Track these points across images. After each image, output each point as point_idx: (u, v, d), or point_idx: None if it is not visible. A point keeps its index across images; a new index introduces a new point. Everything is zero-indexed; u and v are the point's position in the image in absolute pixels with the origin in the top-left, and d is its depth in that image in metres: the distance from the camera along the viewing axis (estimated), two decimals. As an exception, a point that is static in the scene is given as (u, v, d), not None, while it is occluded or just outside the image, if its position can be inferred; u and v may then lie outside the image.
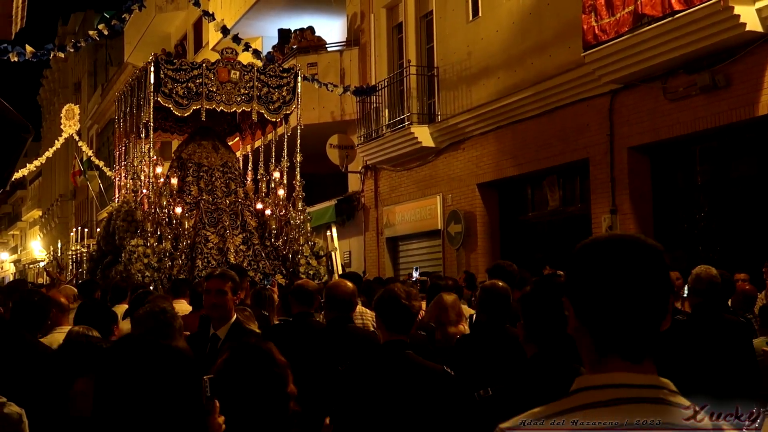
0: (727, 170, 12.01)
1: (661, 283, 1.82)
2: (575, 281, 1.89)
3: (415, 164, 18.25)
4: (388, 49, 19.40)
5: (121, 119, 17.17)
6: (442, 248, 17.42)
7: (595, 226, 13.21)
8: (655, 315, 1.81)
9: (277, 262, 14.91)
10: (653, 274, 1.81)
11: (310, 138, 20.28)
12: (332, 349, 5.34)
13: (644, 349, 1.81)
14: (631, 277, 1.80)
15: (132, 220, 14.71)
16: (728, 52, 10.77)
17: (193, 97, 14.70)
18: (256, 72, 15.34)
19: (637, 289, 1.79)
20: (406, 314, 4.32)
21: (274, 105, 15.35)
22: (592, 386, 1.79)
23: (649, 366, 1.81)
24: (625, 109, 12.72)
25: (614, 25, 11.83)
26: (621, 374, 1.79)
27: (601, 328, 1.81)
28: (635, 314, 1.79)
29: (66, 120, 31.00)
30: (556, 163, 14.26)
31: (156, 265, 13.86)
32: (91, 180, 36.39)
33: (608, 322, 1.80)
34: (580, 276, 1.88)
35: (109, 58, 47.85)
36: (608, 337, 1.80)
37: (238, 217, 15.16)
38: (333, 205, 20.83)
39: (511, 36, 15.11)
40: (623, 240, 1.89)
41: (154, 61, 14.74)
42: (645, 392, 1.77)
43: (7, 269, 72.16)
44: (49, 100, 65.47)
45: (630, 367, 1.80)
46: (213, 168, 15.54)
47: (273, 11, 22.67)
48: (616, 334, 1.80)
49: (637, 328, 1.79)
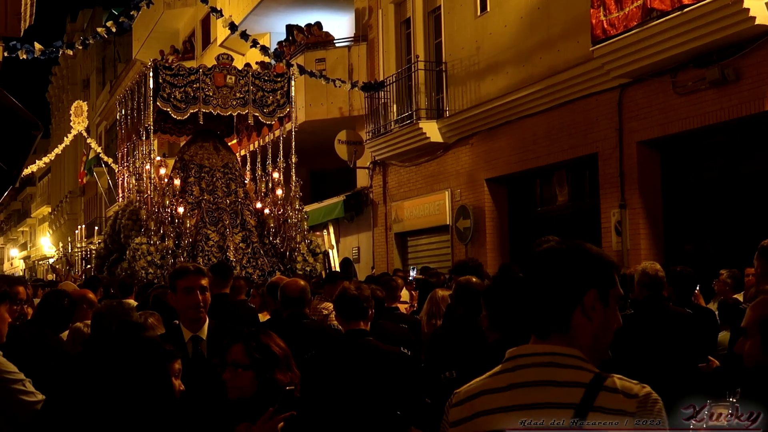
0: (737, 164, 11.96)
1: (559, 284, 2.35)
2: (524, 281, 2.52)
3: (423, 159, 18.24)
4: (396, 45, 19.38)
5: (122, 122, 17.93)
6: (451, 244, 17.42)
7: (604, 221, 13.18)
8: (557, 304, 2.34)
9: (275, 259, 15.64)
10: (548, 277, 2.37)
11: (319, 134, 20.34)
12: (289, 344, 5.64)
13: (548, 328, 2.36)
14: (535, 280, 2.41)
15: (136, 219, 15.44)
16: (738, 45, 10.73)
17: (191, 101, 15.51)
18: (251, 77, 16.17)
19: (538, 287, 2.39)
20: (357, 304, 5.02)
21: (268, 108, 16.19)
22: (509, 357, 2.41)
23: (557, 339, 2.35)
24: (634, 103, 12.68)
25: (623, 20, 11.79)
26: (530, 346, 2.40)
27: (526, 314, 2.44)
28: (538, 304, 2.38)
29: (75, 117, 31.12)
30: (565, 158, 14.24)
31: (159, 263, 14.59)
32: (99, 177, 36.47)
33: (527, 309, 2.43)
34: (524, 277, 2.51)
35: (117, 55, 47.94)
36: (528, 320, 2.43)
37: (237, 216, 15.90)
38: (342, 200, 20.84)
39: (520, 31, 15.08)
40: (540, 252, 2.45)
41: (153, 66, 15.47)
42: (540, 358, 2.35)
43: (16, 266, 72.42)
44: (57, 97, 65.63)
45: (536, 340, 2.40)
46: (214, 169, 16.19)
47: (281, 7, 22.68)
48: (530, 318, 2.42)
49: (539, 313, 2.37)
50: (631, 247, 12.63)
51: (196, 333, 4.76)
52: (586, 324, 2.34)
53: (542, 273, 2.40)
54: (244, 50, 24.32)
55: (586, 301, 2.34)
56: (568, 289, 2.35)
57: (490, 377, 2.43)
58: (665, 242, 12.61)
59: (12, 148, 3.81)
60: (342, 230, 22.08)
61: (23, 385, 4.24)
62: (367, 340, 5.04)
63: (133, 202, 16.12)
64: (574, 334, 2.34)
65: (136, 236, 15.08)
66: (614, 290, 2.38)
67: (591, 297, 2.34)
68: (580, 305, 2.34)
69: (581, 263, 2.37)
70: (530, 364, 2.36)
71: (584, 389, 2.27)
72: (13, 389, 4.21)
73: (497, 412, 2.33)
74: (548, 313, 2.36)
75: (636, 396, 2.27)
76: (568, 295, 2.34)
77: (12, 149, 3.81)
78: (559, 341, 2.35)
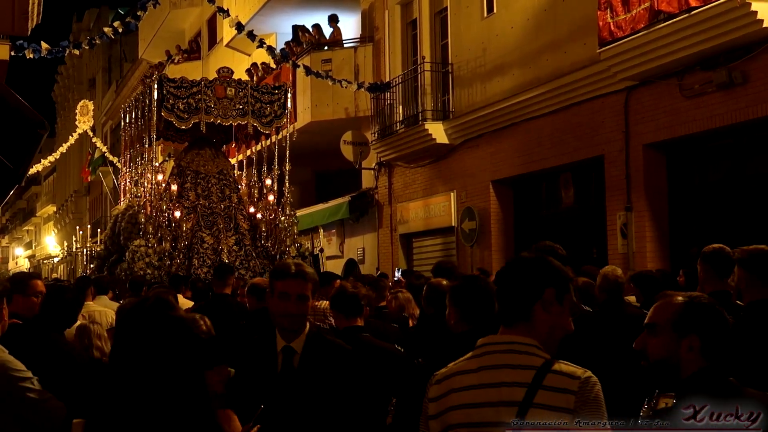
0: (744, 167, 11.93)
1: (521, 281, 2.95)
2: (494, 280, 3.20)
3: (429, 161, 18.23)
4: (403, 46, 19.37)
5: (126, 130, 18.95)
6: (456, 245, 17.40)
7: (610, 224, 13.15)
8: (522, 296, 2.93)
9: (266, 262, 16.44)
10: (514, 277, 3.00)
11: (324, 134, 20.34)
12: None
13: (515, 317, 2.94)
14: (502, 278, 3.05)
15: (135, 222, 16.37)
16: (745, 48, 10.69)
17: (193, 112, 16.35)
18: (249, 89, 17.06)
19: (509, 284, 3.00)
20: (355, 302, 5.52)
21: (266, 119, 16.95)
22: (479, 345, 2.98)
23: (522, 329, 2.91)
24: (640, 106, 12.66)
25: (630, 22, 11.77)
26: (496, 336, 2.97)
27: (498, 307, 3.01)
28: (507, 297, 2.97)
29: (80, 116, 31.17)
30: (571, 160, 14.21)
31: (156, 264, 15.52)
32: (104, 176, 36.52)
33: (499, 302, 3.00)
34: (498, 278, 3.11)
35: (123, 55, 48.01)
36: (499, 311, 2.99)
37: (231, 221, 16.85)
38: (347, 201, 20.83)
39: (526, 32, 15.06)
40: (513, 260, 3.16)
41: (158, 79, 16.53)
42: (502, 346, 2.91)
43: (21, 264, 72.56)
44: (63, 96, 65.73)
45: (504, 329, 2.97)
46: (210, 175, 17.14)
47: (287, 7, 22.69)
48: (500, 309, 2.99)
49: (508, 305, 2.96)
50: (637, 250, 12.60)
51: (290, 344, 4.15)
52: (544, 316, 2.91)
53: (513, 273, 3.01)
54: (250, 50, 24.34)
55: (546, 296, 2.91)
56: (532, 284, 2.93)
57: (463, 361, 2.97)
58: (671, 245, 12.58)
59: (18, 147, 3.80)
60: (347, 231, 22.07)
61: (31, 383, 4.24)
62: (364, 336, 5.43)
63: (133, 206, 16.99)
64: (534, 324, 2.90)
65: (135, 238, 15.93)
66: (569, 295, 2.96)
67: (550, 293, 2.91)
68: (541, 300, 2.91)
69: (545, 268, 2.97)
70: (494, 351, 2.92)
71: (535, 371, 2.81)
72: (21, 387, 4.21)
73: (467, 390, 2.88)
74: (515, 304, 2.94)
75: (579, 378, 2.80)
76: (532, 290, 2.92)
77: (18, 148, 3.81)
78: (522, 330, 2.91)
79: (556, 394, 2.77)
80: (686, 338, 3.01)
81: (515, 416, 2.76)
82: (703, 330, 3.01)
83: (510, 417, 2.76)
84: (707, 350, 3.02)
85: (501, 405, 2.81)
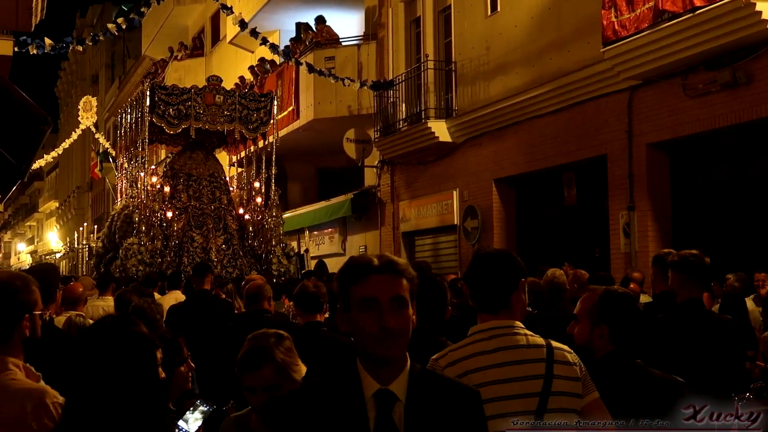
0: (747, 167, 11.92)
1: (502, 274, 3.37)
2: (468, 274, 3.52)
3: (431, 159, 18.21)
4: (406, 44, 19.35)
5: (120, 134, 20.16)
6: (458, 243, 17.39)
7: (613, 223, 13.14)
8: (504, 286, 3.36)
9: (253, 261, 17.57)
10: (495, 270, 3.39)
11: (327, 132, 20.34)
12: None
13: (496, 306, 3.35)
14: (482, 271, 3.43)
15: (130, 221, 17.40)
16: (749, 48, 10.67)
17: (183, 118, 17.35)
18: (237, 96, 18.12)
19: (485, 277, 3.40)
20: (315, 299, 5.93)
21: (252, 125, 17.98)
22: (479, 330, 3.34)
23: (504, 314, 3.34)
24: (644, 105, 12.64)
25: (634, 21, 11.75)
26: (484, 323, 3.35)
27: (476, 298, 3.43)
28: (489, 288, 3.37)
29: (83, 112, 31.16)
30: (574, 159, 14.20)
31: (148, 261, 16.48)
32: (107, 172, 36.51)
33: (478, 293, 3.42)
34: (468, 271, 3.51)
35: (126, 51, 48.00)
36: (479, 302, 3.41)
37: (220, 221, 17.89)
38: (349, 199, 20.82)
39: (530, 31, 15.04)
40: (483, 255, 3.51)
41: (149, 87, 17.55)
42: (492, 331, 3.30)
43: (23, 260, 72.60)
44: (66, 92, 65.75)
45: (488, 317, 3.36)
46: (201, 178, 18.19)
47: (291, 4, 22.67)
48: (483, 299, 3.39)
49: (491, 295, 3.36)
50: (639, 249, 12.58)
51: (386, 386, 2.50)
52: (520, 302, 3.39)
53: (491, 267, 3.41)
54: (253, 47, 24.34)
55: (521, 285, 3.40)
56: (511, 276, 3.39)
57: (473, 344, 3.29)
58: (674, 245, 12.52)
59: (21, 142, 3.81)
60: (349, 229, 22.07)
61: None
62: (323, 331, 5.81)
63: (128, 207, 18.00)
64: (513, 309, 3.36)
65: (129, 237, 16.94)
66: (524, 285, 3.46)
67: (522, 283, 3.42)
68: (516, 289, 3.38)
69: (516, 262, 3.44)
70: (499, 334, 3.28)
71: (545, 348, 3.24)
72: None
73: (487, 369, 3.18)
74: (497, 293, 3.36)
75: (570, 352, 3.31)
76: (511, 280, 3.38)
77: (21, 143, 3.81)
78: (504, 315, 3.34)
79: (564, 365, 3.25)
80: (598, 327, 3.67)
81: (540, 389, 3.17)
82: (612, 319, 3.64)
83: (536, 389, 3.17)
84: (616, 336, 3.64)
85: (527, 379, 3.18)
